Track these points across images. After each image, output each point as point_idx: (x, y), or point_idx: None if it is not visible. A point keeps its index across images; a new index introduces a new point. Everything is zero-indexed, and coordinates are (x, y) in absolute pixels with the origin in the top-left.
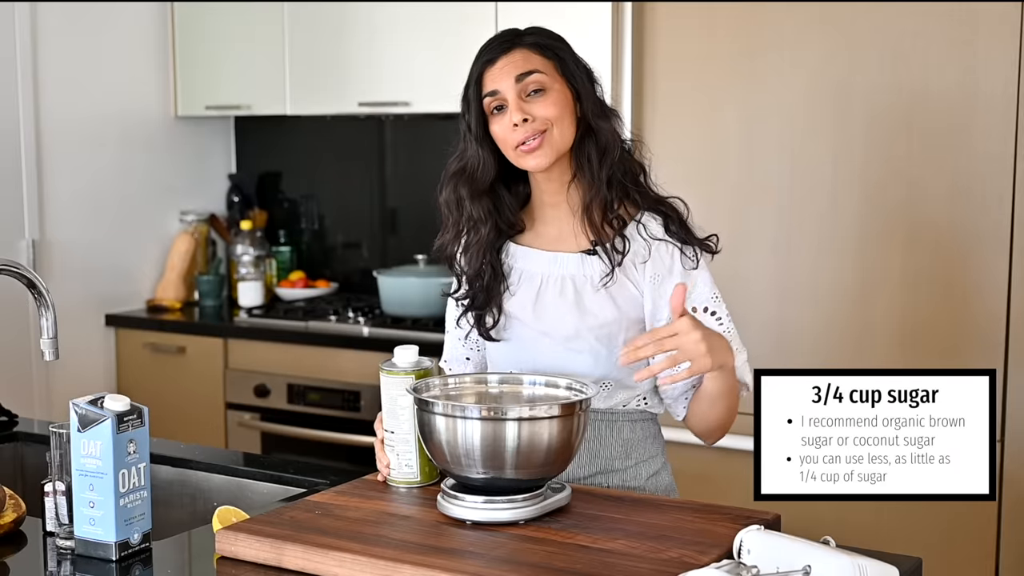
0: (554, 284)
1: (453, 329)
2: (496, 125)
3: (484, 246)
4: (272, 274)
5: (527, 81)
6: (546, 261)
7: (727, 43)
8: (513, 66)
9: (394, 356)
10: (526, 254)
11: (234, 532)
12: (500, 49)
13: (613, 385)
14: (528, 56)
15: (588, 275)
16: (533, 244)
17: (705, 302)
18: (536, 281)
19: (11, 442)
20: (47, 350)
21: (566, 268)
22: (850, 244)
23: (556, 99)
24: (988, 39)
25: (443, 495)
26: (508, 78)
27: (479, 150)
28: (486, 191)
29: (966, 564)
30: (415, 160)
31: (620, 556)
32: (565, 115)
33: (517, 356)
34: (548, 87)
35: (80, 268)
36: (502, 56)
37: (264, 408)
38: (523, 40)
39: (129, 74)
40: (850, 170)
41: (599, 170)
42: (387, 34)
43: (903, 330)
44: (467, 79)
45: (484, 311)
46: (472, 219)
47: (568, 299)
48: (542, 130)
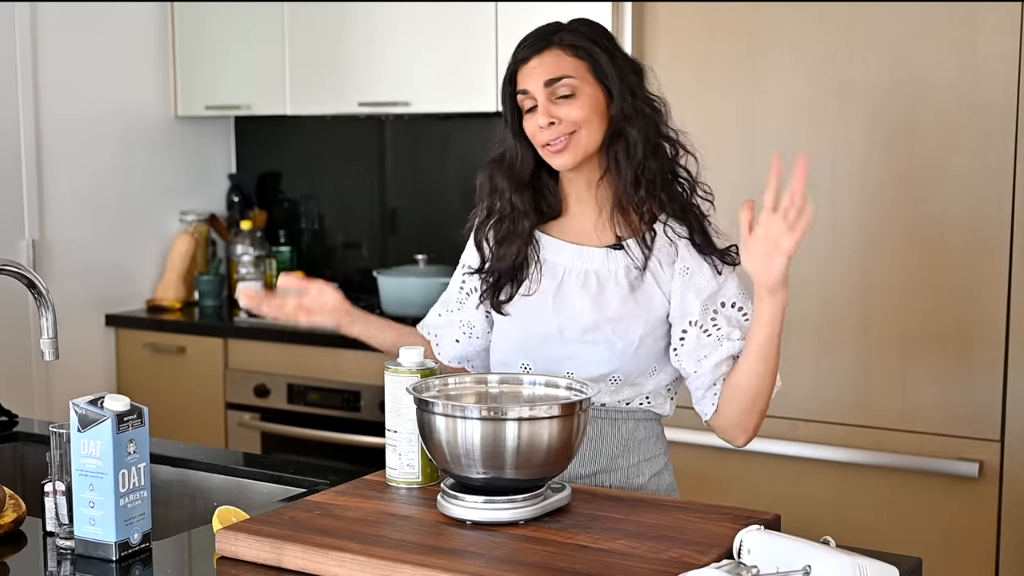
0: (577, 277)
1: (454, 309)
2: (527, 122)
3: (524, 237)
4: (272, 274)
5: (556, 86)
6: (572, 254)
7: (727, 43)
8: (543, 69)
9: (399, 356)
10: (552, 244)
11: (234, 532)
12: (534, 48)
13: (621, 381)
14: (560, 59)
15: (612, 270)
16: (560, 235)
17: (733, 298)
18: (559, 273)
19: (11, 442)
20: (47, 350)
21: (591, 262)
22: (850, 244)
23: (585, 103)
24: (988, 39)
25: (443, 495)
26: (538, 80)
27: (516, 144)
28: (527, 183)
29: (966, 564)
30: (415, 160)
31: (620, 556)
32: (594, 117)
33: (526, 344)
34: (578, 90)
35: (80, 268)
36: (535, 56)
37: (264, 408)
38: (558, 39)
39: (129, 74)
40: (850, 170)
41: (627, 170)
42: (387, 34)
43: (903, 330)
44: (505, 72)
45: (501, 285)
46: (516, 211)
47: (590, 292)
48: (569, 132)
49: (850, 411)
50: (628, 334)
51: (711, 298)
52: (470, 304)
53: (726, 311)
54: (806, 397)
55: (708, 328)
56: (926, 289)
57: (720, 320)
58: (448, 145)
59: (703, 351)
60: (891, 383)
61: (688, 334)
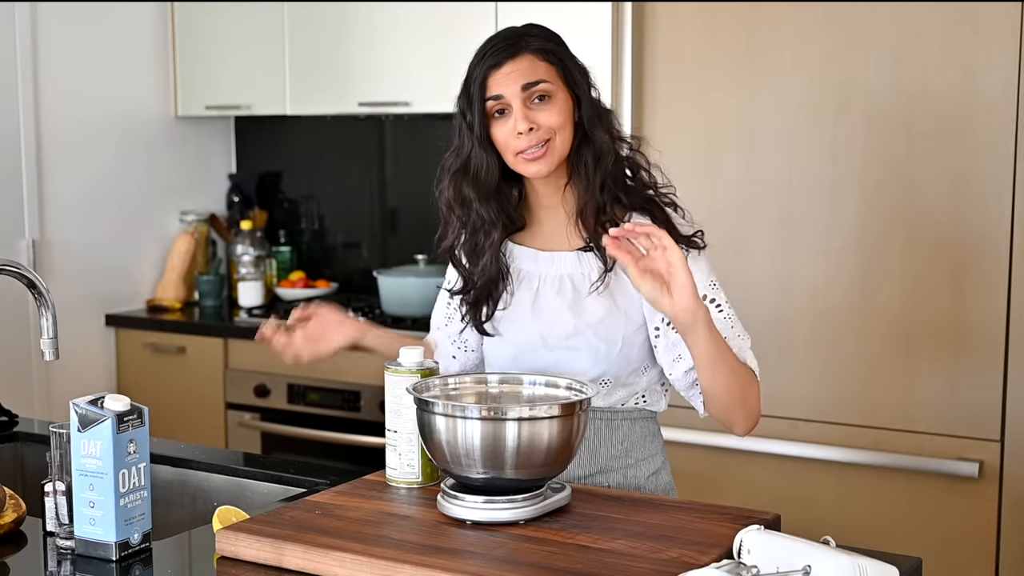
0: (552, 284)
1: (443, 326)
2: (498, 129)
3: (495, 248)
4: (272, 274)
5: (534, 90)
6: (544, 261)
7: (727, 43)
8: (520, 73)
9: (399, 356)
10: (524, 254)
11: (234, 532)
12: (507, 53)
13: (612, 383)
14: (535, 63)
15: (586, 273)
16: (530, 244)
17: (703, 290)
18: (534, 282)
19: (11, 442)
20: (47, 350)
21: (563, 267)
22: (850, 244)
23: (560, 107)
24: (988, 39)
25: (443, 495)
26: (514, 85)
27: (483, 153)
28: (493, 193)
29: (966, 564)
30: (415, 160)
31: (620, 556)
32: (567, 123)
33: (515, 355)
34: (552, 95)
35: (80, 268)
36: (509, 61)
37: (264, 408)
38: (528, 44)
39: (129, 74)
40: (850, 170)
41: (594, 176)
42: (387, 34)
43: (903, 330)
44: (467, 77)
45: (480, 307)
46: (484, 221)
47: (566, 298)
48: (546, 139)
49: (850, 411)
50: (610, 336)
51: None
52: (456, 323)
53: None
54: (806, 397)
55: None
56: (926, 289)
57: None
58: (448, 145)
59: (676, 350)
60: (891, 383)
61: (660, 332)
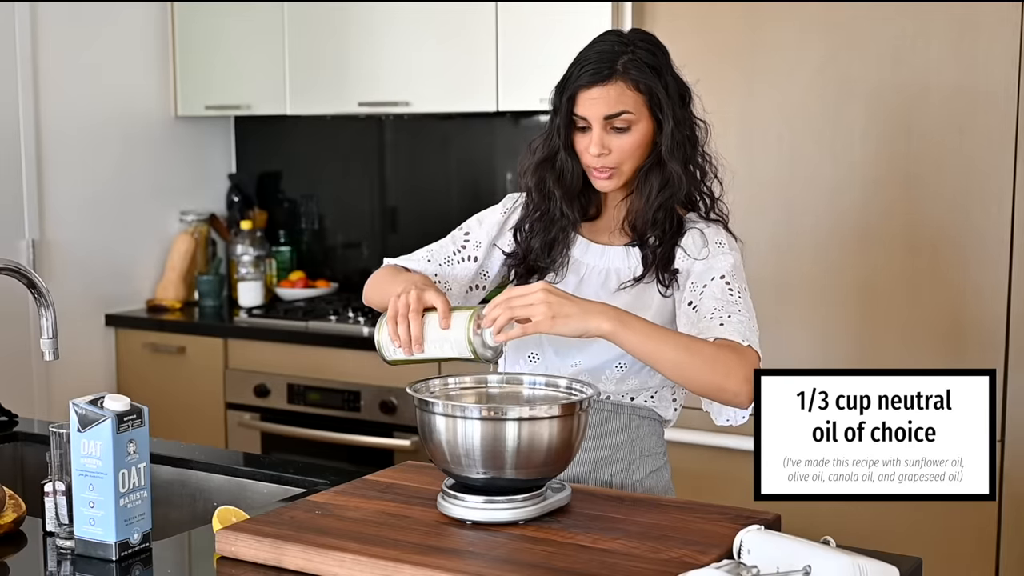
0: (597, 275)
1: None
2: (578, 139)
3: (566, 242)
4: (272, 274)
5: (615, 120)
6: (594, 252)
7: (727, 43)
8: (605, 102)
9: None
10: (580, 243)
11: (234, 532)
12: (600, 76)
13: (627, 368)
14: (623, 93)
15: (632, 267)
16: (586, 234)
17: (723, 271)
18: (581, 270)
19: (11, 442)
20: (47, 350)
21: (611, 261)
22: (850, 244)
23: (637, 139)
24: (988, 39)
25: (443, 495)
26: (598, 112)
27: (568, 158)
28: (576, 194)
29: (966, 564)
30: (415, 160)
31: (620, 556)
32: (640, 149)
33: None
34: (633, 124)
35: (80, 268)
36: (598, 85)
37: (264, 408)
38: (623, 70)
39: (129, 74)
40: (850, 170)
41: (654, 199)
42: (387, 34)
43: (903, 330)
44: (564, 79)
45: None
46: (566, 219)
47: (609, 290)
48: (616, 164)
49: None
50: None
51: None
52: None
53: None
54: None
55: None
56: (926, 289)
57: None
58: (448, 145)
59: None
60: None
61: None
